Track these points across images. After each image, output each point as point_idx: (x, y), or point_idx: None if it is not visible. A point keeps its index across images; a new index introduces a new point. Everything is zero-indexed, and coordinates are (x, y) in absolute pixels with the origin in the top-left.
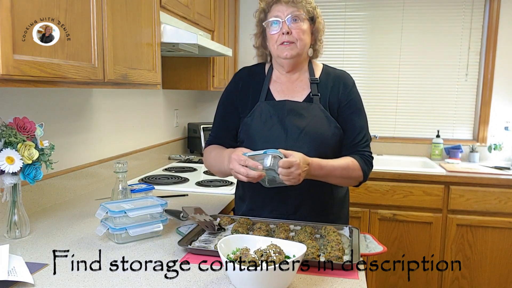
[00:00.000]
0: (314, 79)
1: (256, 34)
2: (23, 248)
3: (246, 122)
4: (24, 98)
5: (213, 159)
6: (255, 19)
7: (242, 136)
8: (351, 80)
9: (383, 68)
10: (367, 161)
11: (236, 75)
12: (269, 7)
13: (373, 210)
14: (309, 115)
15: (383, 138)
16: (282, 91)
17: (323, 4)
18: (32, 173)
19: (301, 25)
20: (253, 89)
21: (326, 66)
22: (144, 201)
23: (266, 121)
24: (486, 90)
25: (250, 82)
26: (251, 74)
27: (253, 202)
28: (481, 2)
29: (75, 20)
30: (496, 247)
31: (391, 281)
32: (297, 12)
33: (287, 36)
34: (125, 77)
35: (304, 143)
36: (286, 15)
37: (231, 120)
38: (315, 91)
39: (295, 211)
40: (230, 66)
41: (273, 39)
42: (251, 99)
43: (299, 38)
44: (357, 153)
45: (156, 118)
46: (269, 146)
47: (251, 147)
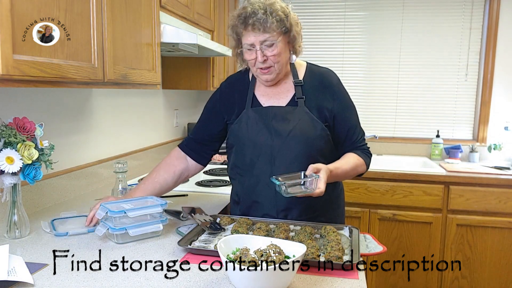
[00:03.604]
0: (298, 82)
1: (234, 46)
2: (23, 248)
3: (234, 128)
4: (24, 98)
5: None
6: (228, 33)
7: (231, 141)
8: (335, 78)
9: (383, 68)
10: (368, 153)
11: (221, 84)
12: (241, 31)
13: (373, 210)
14: (294, 118)
15: (383, 138)
16: (267, 95)
17: (323, 4)
18: (32, 173)
19: (276, 48)
20: (238, 96)
21: (310, 64)
22: (144, 201)
23: (253, 126)
24: (486, 90)
25: (235, 90)
26: (236, 82)
27: (245, 206)
28: (481, 2)
29: (75, 20)
30: (496, 247)
31: (391, 281)
32: (270, 37)
33: (263, 64)
34: (125, 77)
35: (291, 145)
36: (259, 43)
37: (212, 125)
38: (300, 93)
39: (285, 215)
40: (230, 66)
41: (251, 63)
42: (237, 106)
43: (276, 61)
44: (357, 148)
45: (156, 118)
46: (258, 150)
47: (241, 151)
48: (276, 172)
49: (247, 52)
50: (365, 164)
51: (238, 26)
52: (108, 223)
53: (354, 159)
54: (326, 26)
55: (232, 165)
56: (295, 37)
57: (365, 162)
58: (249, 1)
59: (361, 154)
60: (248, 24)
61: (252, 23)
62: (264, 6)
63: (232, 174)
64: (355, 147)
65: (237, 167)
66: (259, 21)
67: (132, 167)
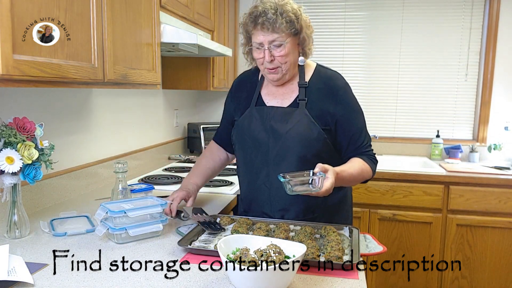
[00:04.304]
0: (302, 83)
1: (244, 44)
2: (23, 248)
3: (238, 126)
4: (24, 98)
5: (195, 165)
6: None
7: (234, 138)
8: (342, 81)
9: (382, 68)
10: (374, 159)
11: (234, 80)
12: (251, 29)
13: (373, 210)
14: (293, 119)
15: (383, 138)
16: (272, 94)
17: (323, 4)
18: (32, 173)
19: (284, 49)
20: (246, 95)
21: (319, 66)
22: (144, 201)
23: (254, 125)
24: (486, 90)
25: (244, 88)
26: (246, 80)
27: (246, 203)
28: (481, 2)
29: (75, 20)
30: (496, 247)
31: (391, 281)
32: (278, 38)
33: (271, 64)
34: (125, 77)
35: (287, 146)
36: (268, 43)
37: (227, 121)
38: (302, 95)
39: (282, 216)
40: (230, 66)
41: (259, 62)
42: (244, 103)
43: (283, 62)
44: (363, 154)
45: (156, 118)
46: (256, 148)
47: (242, 148)
48: (272, 171)
49: (255, 50)
50: (371, 170)
51: (248, 24)
52: (108, 223)
53: (359, 164)
54: (326, 26)
55: (237, 162)
56: (305, 39)
57: (371, 168)
58: (262, 0)
59: (366, 159)
60: (257, 23)
61: (262, 22)
62: (275, 6)
63: (237, 171)
64: (360, 152)
65: (240, 165)
66: (268, 21)
67: (132, 167)
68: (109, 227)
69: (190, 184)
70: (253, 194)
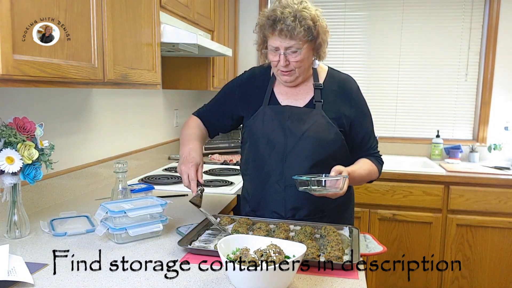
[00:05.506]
0: (318, 85)
1: (259, 43)
2: (23, 248)
3: (250, 124)
4: (24, 98)
5: (184, 135)
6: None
7: (246, 136)
8: (355, 85)
9: (383, 68)
10: (381, 160)
11: (245, 73)
12: (268, 33)
13: (373, 210)
14: (310, 120)
15: (383, 138)
16: (286, 93)
17: (323, 4)
18: (32, 173)
19: (300, 55)
20: (257, 91)
21: (331, 69)
22: (144, 201)
23: (268, 123)
24: (486, 90)
25: (255, 84)
26: (258, 76)
27: (255, 202)
28: (481, 2)
29: (75, 20)
30: (496, 247)
31: (391, 281)
32: (295, 44)
33: (285, 67)
34: (125, 77)
35: (304, 146)
36: (284, 49)
37: (226, 107)
38: (318, 97)
39: (294, 214)
40: (230, 66)
41: (273, 64)
42: (254, 100)
43: (298, 66)
44: (371, 155)
45: (156, 118)
46: (271, 147)
47: (254, 147)
48: (286, 171)
49: (271, 53)
50: (378, 171)
51: (266, 28)
52: (108, 223)
53: (368, 165)
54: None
55: (245, 160)
56: (320, 44)
57: (377, 169)
58: (280, 3)
59: (374, 160)
60: (275, 28)
61: (280, 28)
62: (294, 13)
63: (244, 169)
64: (368, 154)
65: (249, 163)
66: (287, 28)
67: (132, 167)
68: (109, 227)
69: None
70: (263, 193)
